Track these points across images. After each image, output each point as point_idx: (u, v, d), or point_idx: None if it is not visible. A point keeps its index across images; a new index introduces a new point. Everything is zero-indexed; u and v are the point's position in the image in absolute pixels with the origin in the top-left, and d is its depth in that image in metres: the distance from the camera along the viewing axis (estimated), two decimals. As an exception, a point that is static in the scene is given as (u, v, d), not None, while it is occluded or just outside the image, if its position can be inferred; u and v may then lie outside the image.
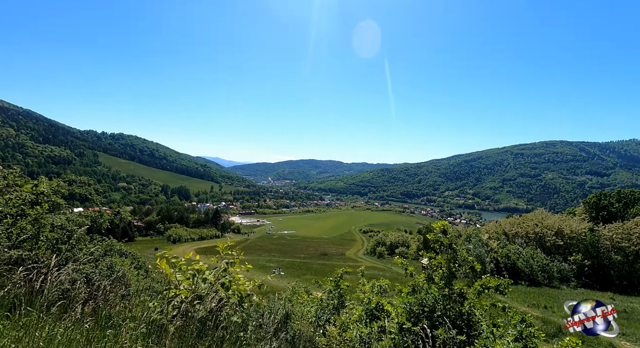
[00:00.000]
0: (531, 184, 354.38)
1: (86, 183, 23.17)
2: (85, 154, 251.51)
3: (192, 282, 3.02)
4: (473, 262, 4.21)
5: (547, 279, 36.34)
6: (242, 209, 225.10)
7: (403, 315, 3.95)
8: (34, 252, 3.64)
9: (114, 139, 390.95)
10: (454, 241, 4.60)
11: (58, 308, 2.82)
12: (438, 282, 4.22)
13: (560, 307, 22.78)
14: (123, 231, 79.51)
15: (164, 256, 3.06)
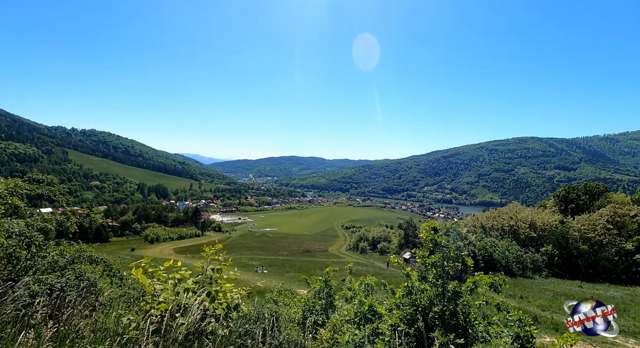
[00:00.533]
0: (505, 179, 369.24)
1: (49, 183, 20.78)
2: (54, 151, 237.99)
3: (173, 292, 2.72)
4: (464, 258, 4.13)
5: (521, 270, 37.97)
6: (223, 207, 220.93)
7: (397, 316, 3.80)
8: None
9: (85, 136, 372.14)
10: (442, 238, 4.51)
11: (14, 329, 2.44)
12: (432, 281, 4.11)
13: (534, 296, 23.78)
14: (96, 232, 75.89)
15: (139, 265, 2.72)
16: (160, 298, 2.70)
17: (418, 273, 4.12)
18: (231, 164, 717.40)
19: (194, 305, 2.73)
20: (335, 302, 6.91)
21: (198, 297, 2.83)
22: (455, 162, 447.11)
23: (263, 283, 10.68)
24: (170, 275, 2.92)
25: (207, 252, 3.31)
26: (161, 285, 2.81)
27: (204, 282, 3.04)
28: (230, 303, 2.86)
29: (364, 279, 8.22)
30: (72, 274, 3.56)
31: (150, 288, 2.74)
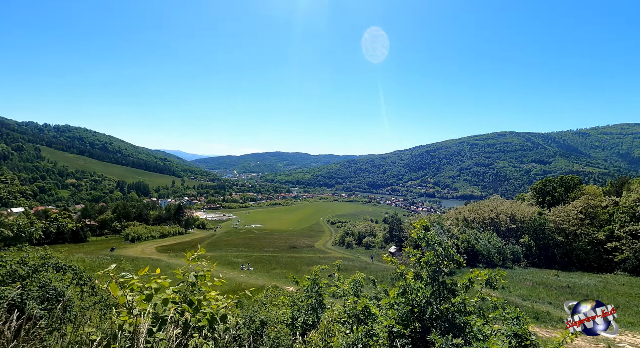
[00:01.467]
0: (485, 173, 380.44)
1: (7, 182, 18.22)
2: (25, 148, 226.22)
3: (149, 304, 2.43)
4: (456, 256, 4.03)
5: (501, 260, 39.24)
6: (207, 204, 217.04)
7: (392, 317, 3.65)
8: None
9: (59, 131, 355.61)
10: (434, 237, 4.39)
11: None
12: (426, 279, 3.98)
13: (515, 286, 24.58)
14: (73, 232, 72.77)
15: (109, 275, 2.41)
16: (135, 311, 2.41)
17: (413, 271, 3.99)
18: (215, 160, 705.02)
19: (175, 318, 2.46)
20: (324, 301, 6.75)
21: (178, 307, 2.56)
22: (438, 157, 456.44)
23: (244, 276, 10.44)
24: (147, 284, 2.62)
25: (188, 257, 3.02)
26: (137, 297, 2.52)
27: (185, 291, 2.76)
28: (215, 313, 2.60)
29: (354, 277, 8.09)
30: (35, 284, 3.19)
31: (123, 300, 2.44)
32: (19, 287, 3.03)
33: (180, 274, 2.97)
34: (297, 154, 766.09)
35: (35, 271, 3.39)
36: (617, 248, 38.04)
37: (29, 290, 3.03)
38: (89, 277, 4.08)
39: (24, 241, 4.92)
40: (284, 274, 30.07)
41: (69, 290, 3.47)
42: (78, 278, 3.99)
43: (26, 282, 3.16)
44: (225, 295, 3.07)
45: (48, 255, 3.92)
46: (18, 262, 3.45)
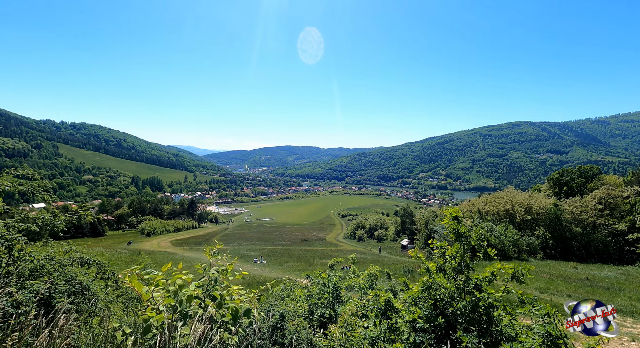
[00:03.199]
0: (498, 164, 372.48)
1: (30, 178, 19.23)
2: (44, 146, 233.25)
3: (173, 299, 2.42)
4: (486, 249, 3.89)
5: (517, 253, 38.53)
6: (219, 198, 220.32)
7: (415, 312, 3.58)
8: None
9: (75, 129, 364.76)
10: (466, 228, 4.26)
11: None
12: (450, 273, 3.88)
13: (531, 278, 24.14)
14: (92, 226, 75.21)
15: (134, 272, 2.41)
16: (160, 306, 2.40)
17: (436, 265, 3.88)
18: (226, 155, 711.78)
19: (199, 313, 2.45)
20: (342, 294, 6.73)
21: (202, 303, 2.54)
22: (449, 149, 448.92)
23: (258, 269, 10.52)
24: (170, 280, 2.61)
25: (208, 252, 3.01)
26: (160, 292, 2.51)
27: (207, 286, 2.74)
28: (239, 308, 2.58)
29: (369, 270, 8.05)
30: (61, 279, 3.25)
31: (147, 296, 2.44)
32: (46, 280, 3.09)
33: (202, 269, 2.96)
34: (307, 147, 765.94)
35: (61, 266, 3.47)
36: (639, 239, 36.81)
37: (56, 285, 3.09)
38: (112, 271, 4.16)
39: (46, 235, 5.03)
40: (296, 267, 30.33)
41: (93, 285, 3.53)
42: (102, 272, 4.07)
43: (53, 276, 3.23)
44: (247, 289, 3.05)
45: (72, 249, 4.01)
46: (45, 256, 3.53)
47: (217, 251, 2.98)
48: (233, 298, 2.75)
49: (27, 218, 3.55)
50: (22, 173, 4.54)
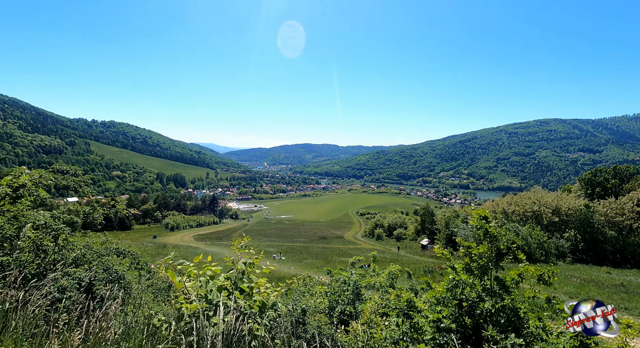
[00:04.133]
0: (525, 163, 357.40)
1: (73, 174, 21.22)
2: (77, 143, 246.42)
3: (204, 290, 2.52)
4: (515, 251, 3.78)
5: (544, 256, 36.93)
6: (239, 195, 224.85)
7: (440, 311, 3.54)
8: (15, 255, 3.10)
9: (105, 127, 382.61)
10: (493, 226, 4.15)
11: (45, 328, 2.31)
12: (477, 274, 3.80)
13: (560, 283, 23.06)
14: (120, 220, 78.92)
15: (168, 263, 2.53)
16: (191, 296, 2.52)
17: (463, 265, 3.81)
18: (246, 152, 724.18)
19: (228, 304, 2.54)
20: (362, 293, 6.73)
21: (231, 294, 2.63)
22: (472, 147, 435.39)
23: (277, 265, 10.67)
24: (201, 271, 2.73)
25: (236, 245, 3.10)
26: (192, 283, 2.63)
27: (235, 278, 2.84)
28: (266, 301, 2.65)
29: (390, 268, 7.99)
30: (100, 267, 3.48)
31: (180, 285, 2.56)
32: (86, 268, 3.31)
33: (230, 261, 3.06)
34: (326, 145, 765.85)
35: (99, 255, 3.71)
36: (682, 245, 34.30)
37: (96, 273, 3.30)
38: (145, 261, 4.41)
39: (79, 227, 5.35)
40: (315, 264, 30.52)
41: (128, 274, 3.74)
42: (136, 263, 4.31)
43: (93, 265, 3.46)
44: (273, 283, 3.13)
45: (109, 240, 4.27)
46: (85, 246, 3.78)
47: (244, 245, 3.07)
48: (260, 291, 2.83)
49: (70, 210, 3.83)
50: (65, 168, 4.86)
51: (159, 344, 2.27)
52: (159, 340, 2.37)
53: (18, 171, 4.02)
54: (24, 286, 2.64)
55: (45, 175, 4.24)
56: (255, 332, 2.41)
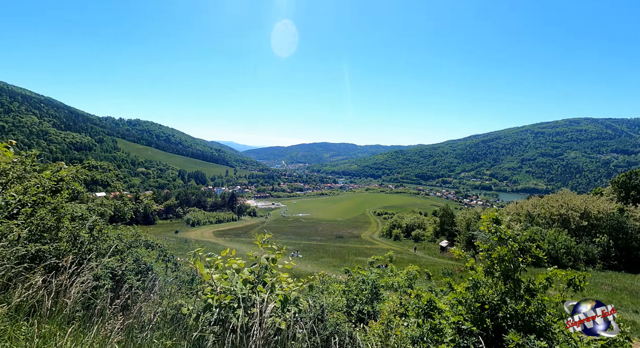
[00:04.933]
0: (552, 164, 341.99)
1: (106, 169, 23.60)
2: (105, 140, 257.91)
3: (231, 283, 2.61)
4: (537, 251, 3.66)
5: (572, 261, 35.24)
6: (257, 193, 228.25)
7: (461, 313, 3.48)
8: (55, 244, 3.32)
9: (131, 125, 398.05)
10: (507, 231, 4.03)
11: (83, 313, 2.47)
12: (499, 276, 3.71)
13: (589, 290, 21.99)
14: (144, 215, 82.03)
15: (197, 254, 2.64)
16: (218, 288, 2.61)
17: (483, 267, 3.73)
18: (264, 150, 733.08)
19: (252, 297, 2.61)
20: (380, 292, 6.71)
21: (255, 288, 2.71)
22: (495, 147, 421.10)
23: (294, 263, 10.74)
24: (227, 264, 2.82)
25: (259, 240, 3.18)
26: (218, 275, 2.72)
27: (259, 272, 2.91)
28: (288, 295, 2.71)
29: (409, 269, 7.90)
30: (130, 258, 3.67)
31: (208, 277, 2.66)
32: (118, 259, 3.51)
33: (253, 256, 3.14)
34: (344, 144, 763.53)
35: (130, 247, 3.91)
36: None
37: (127, 263, 3.49)
38: (172, 254, 4.60)
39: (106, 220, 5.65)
40: (331, 263, 30.57)
41: (155, 266, 3.91)
42: (163, 255, 4.51)
43: (124, 255, 3.66)
44: (294, 279, 3.19)
45: (138, 233, 4.49)
46: (116, 238, 4.01)
47: (266, 240, 3.14)
48: (282, 286, 2.89)
49: (104, 203, 4.08)
50: (98, 164, 5.13)
51: (187, 333, 2.38)
52: (187, 329, 2.49)
53: (57, 166, 4.29)
54: (64, 274, 2.83)
55: (81, 170, 4.51)
56: (278, 325, 2.47)
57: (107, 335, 2.20)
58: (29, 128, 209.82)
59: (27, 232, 3.31)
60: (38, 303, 2.46)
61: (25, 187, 3.91)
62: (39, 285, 2.62)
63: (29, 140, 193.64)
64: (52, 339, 2.03)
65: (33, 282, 2.59)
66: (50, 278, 2.69)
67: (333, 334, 4.42)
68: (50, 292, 2.52)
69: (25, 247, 2.85)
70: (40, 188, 3.90)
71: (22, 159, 4.48)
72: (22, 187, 3.91)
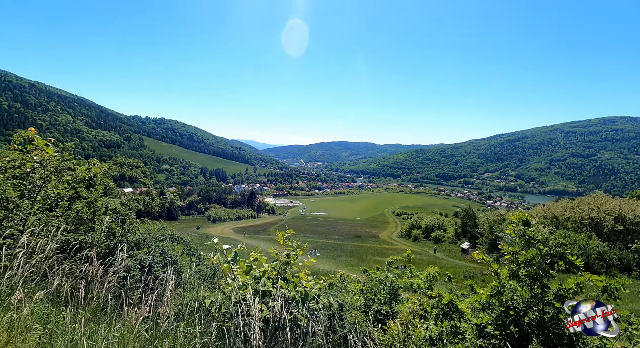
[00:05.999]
0: (583, 165, 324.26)
1: (135, 166, 25.29)
2: (132, 138, 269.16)
3: (252, 277, 2.68)
4: (572, 258, 3.49)
5: (605, 268, 33.34)
6: (275, 191, 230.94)
7: (484, 317, 3.39)
8: (90, 236, 3.53)
9: (156, 124, 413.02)
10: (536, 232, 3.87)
11: (114, 301, 2.62)
12: (524, 280, 3.58)
13: (624, 299, 20.72)
14: (168, 211, 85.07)
15: (215, 247, 2.73)
16: (239, 281, 2.68)
17: (508, 271, 3.61)
18: (283, 149, 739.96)
19: (272, 292, 2.67)
20: (399, 293, 6.63)
21: (275, 283, 2.76)
22: (521, 147, 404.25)
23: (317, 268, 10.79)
24: (247, 260, 2.89)
25: (280, 237, 3.24)
26: (239, 270, 2.80)
27: (280, 268, 2.97)
28: (308, 291, 2.75)
29: (429, 270, 7.75)
30: (157, 251, 3.84)
31: (228, 270, 2.74)
32: (146, 251, 3.69)
33: (274, 252, 3.20)
34: (363, 143, 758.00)
35: (157, 240, 4.11)
36: None
37: (154, 256, 3.66)
38: (195, 248, 4.78)
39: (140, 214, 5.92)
40: (349, 262, 30.50)
41: (180, 259, 4.07)
42: (188, 249, 4.70)
43: (152, 248, 3.84)
44: (314, 277, 3.22)
45: (164, 227, 4.70)
46: (145, 231, 4.21)
47: (287, 237, 3.19)
48: (302, 283, 2.93)
49: (135, 198, 4.32)
50: (127, 161, 5.38)
51: (209, 324, 2.47)
52: (210, 320, 2.57)
53: (91, 163, 4.57)
54: (98, 264, 3.00)
55: (112, 166, 4.76)
56: (299, 321, 2.51)
57: (136, 323, 2.32)
58: (63, 126, 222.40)
59: (65, 223, 3.54)
60: (74, 290, 2.62)
61: (63, 181, 4.19)
62: (75, 274, 2.80)
63: (63, 137, 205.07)
64: (87, 325, 2.17)
65: (70, 271, 2.76)
66: (86, 267, 2.88)
67: (351, 332, 4.44)
68: (85, 280, 2.69)
69: (64, 237, 3.06)
70: (76, 183, 4.17)
71: (59, 153, 4.77)
72: (61, 182, 4.20)
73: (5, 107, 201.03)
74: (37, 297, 2.34)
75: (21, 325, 2.07)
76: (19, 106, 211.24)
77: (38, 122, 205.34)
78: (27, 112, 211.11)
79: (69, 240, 3.35)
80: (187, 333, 2.31)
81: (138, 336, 2.20)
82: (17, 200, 3.37)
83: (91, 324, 2.28)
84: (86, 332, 2.07)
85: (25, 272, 2.59)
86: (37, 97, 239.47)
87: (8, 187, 3.36)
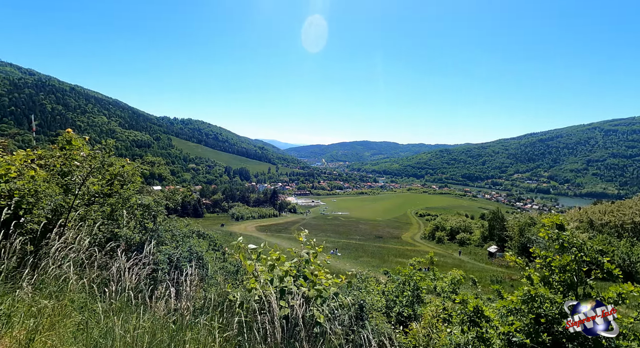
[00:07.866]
0: (626, 166, 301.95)
1: (158, 164, 27.06)
2: (161, 138, 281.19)
3: (273, 274, 2.72)
4: (610, 266, 3.26)
5: (649, 277, 30.89)
6: (297, 190, 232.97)
7: (513, 324, 3.24)
8: (124, 230, 3.74)
9: (183, 124, 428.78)
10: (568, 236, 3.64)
11: (144, 293, 2.75)
12: (557, 287, 3.39)
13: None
14: (194, 208, 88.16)
15: (239, 246, 2.80)
16: (261, 279, 2.73)
17: (540, 276, 3.43)
18: (305, 149, 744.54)
19: (293, 290, 2.69)
20: (422, 295, 6.50)
21: (296, 281, 2.79)
22: (555, 146, 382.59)
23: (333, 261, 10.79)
24: (269, 257, 2.94)
25: (300, 236, 3.26)
26: (261, 267, 2.85)
27: (300, 266, 2.99)
28: (327, 290, 2.75)
29: (454, 273, 7.54)
30: (184, 246, 4.01)
31: (251, 268, 2.80)
32: (174, 246, 3.86)
33: (294, 251, 3.24)
34: (385, 143, 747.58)
35: (184, 236, 4.29)
36: None
37: (181, 250, 3.82)
38: (220, 244, 4.95)
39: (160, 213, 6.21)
40: (370, 263, 30.22)
41: (206, 255, 4.22)
42: (213, 245, 4.88)
43: (179, 244, 4.02)
44: (333, 275, 3.22)
45: (190, 224, 4.90)
46: (173, 227, 4.41)
47: (307, 236, 3.21)
48: (322, 281, 2.94)
49: (167, 196, 4.55)
50: (153, 160, 5.64)
51: (232, 318, 2.54)
52: (232, 314, 2.64)
53: (124, 162, 4.84)
54: (130, 256, 3.17)
55: (141, 165, 5.02)
56: (318, 319, 2.52)
57: (163, 314, 2.43)
58: (99, 127, 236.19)
59: (101, 218, 3.77)
60: (107, 282, 2.79)
61: (101, 177, 4.49)
62: (108, 266, 2.97)
63: (99, 137, 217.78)
64: (118, 314, 2.30)
65: (104, 262, 2.94)
66: (118, 260, 3.05)
67: (372, 333, 4.39)
68: (118, 272, 2.85)
69: (100, 231, 3.26)
70: (112, 177, 4.45)
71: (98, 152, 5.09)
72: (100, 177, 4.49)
73: (49, 109, 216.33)
74: (75, 287, 2.51)
75: (62, 312, 2.24)
76: (60, 108, 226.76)
77: (77, 123, 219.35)
78: (68, 114, 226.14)
79: (104, 234, 3.56)
80: (210, 326, 2.40)
81: (165, 326, 2.30)
82: (62, 196, 3.65)
83: (122, 314, 2.41)
84: (118, 321, 2.20)
85: (66, 263, 2.79)
86: (77, 99, 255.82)
87: (53, 185, 3.64)
